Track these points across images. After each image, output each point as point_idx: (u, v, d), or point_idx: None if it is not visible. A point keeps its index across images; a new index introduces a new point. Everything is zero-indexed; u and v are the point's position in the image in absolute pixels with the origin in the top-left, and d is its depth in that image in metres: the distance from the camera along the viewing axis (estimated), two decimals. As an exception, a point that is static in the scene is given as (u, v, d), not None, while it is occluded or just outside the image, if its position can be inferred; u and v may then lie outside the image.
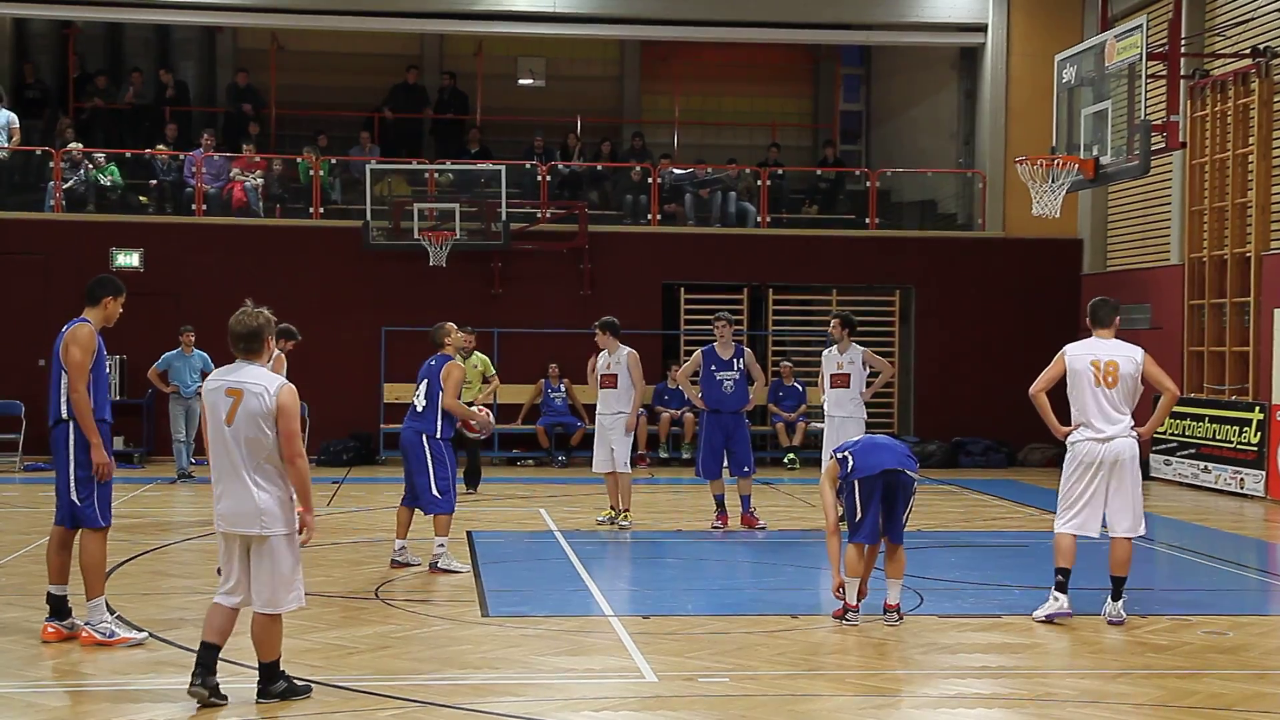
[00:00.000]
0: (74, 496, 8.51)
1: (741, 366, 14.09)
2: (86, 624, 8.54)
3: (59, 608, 8.67)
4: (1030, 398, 9.73)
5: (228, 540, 7.22)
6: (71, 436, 8.48)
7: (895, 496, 9.32)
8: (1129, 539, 9.61)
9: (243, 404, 7.06)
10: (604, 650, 8.60)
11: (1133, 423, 9.65)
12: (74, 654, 8.31)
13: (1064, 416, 9.76)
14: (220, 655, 7.26)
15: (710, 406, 14.10)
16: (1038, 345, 10.05)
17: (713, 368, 14.09)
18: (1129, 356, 9.66)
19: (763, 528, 13.99)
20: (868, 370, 14.24)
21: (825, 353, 14.39)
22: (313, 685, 7.49)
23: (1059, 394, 9.74)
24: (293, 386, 7.17)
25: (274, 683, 7.26)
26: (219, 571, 7.50)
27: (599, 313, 16.13)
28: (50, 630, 8.61)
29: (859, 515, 9.32)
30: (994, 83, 22.83)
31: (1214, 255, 18.94)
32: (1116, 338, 9.81)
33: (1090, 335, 9.87)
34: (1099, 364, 9.59)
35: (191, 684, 7.15)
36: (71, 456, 8.49)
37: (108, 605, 8.62)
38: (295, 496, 7.17)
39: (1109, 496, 9.56)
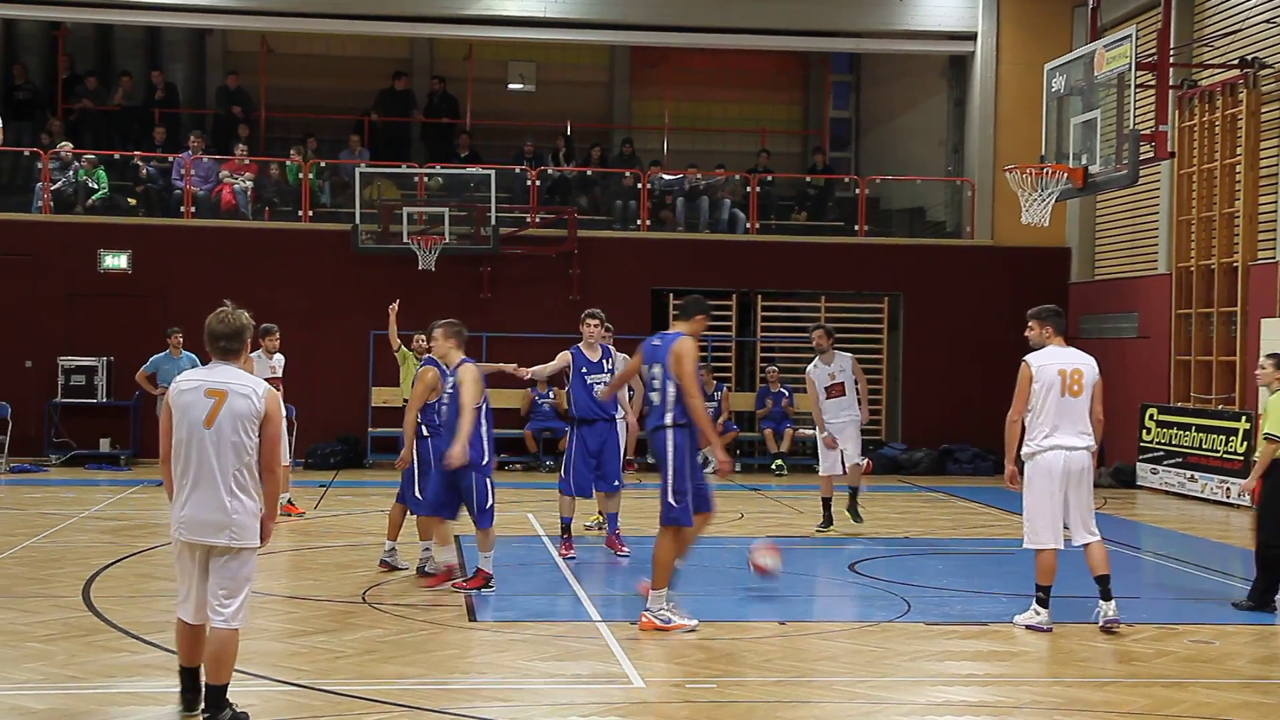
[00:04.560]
0: (670, 499, 9.30)
1: (611, 368, 12.63)
2: (646, 610, 9.27)
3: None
4: (1007, 425, 9.63)
5: (186, 550, 6.74)
6: (670, 442, 9.26)
7: None
8: (1099, 539, 9.63)
9: (227, 405, 6.65)
10: (591, 656, 8.59)
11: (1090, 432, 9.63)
12: (59, 656, 8.27)
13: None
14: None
15: (579, 415, 12.63)
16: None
17: (583, 370, 12.68)
18: (1089, 364, 9.69)
19: (626, 555, 12.58)
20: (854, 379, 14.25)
21: (813, 369, 14.24)
22: (300, 689, 7.47)
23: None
24: (276, 391, 6.92)
25: (223, 710, 6.71)
26: None
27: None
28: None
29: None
30: (983, 91, 22.89)
31: (1201, 265, 19.00)
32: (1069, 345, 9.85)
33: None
34: (1065, 373, 9.57)
35: (185, 713, 6.88)
36: (670, 462, 9.29)
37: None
38: (264, 505, 6.79)
39: (1069, 505, 9.56)
